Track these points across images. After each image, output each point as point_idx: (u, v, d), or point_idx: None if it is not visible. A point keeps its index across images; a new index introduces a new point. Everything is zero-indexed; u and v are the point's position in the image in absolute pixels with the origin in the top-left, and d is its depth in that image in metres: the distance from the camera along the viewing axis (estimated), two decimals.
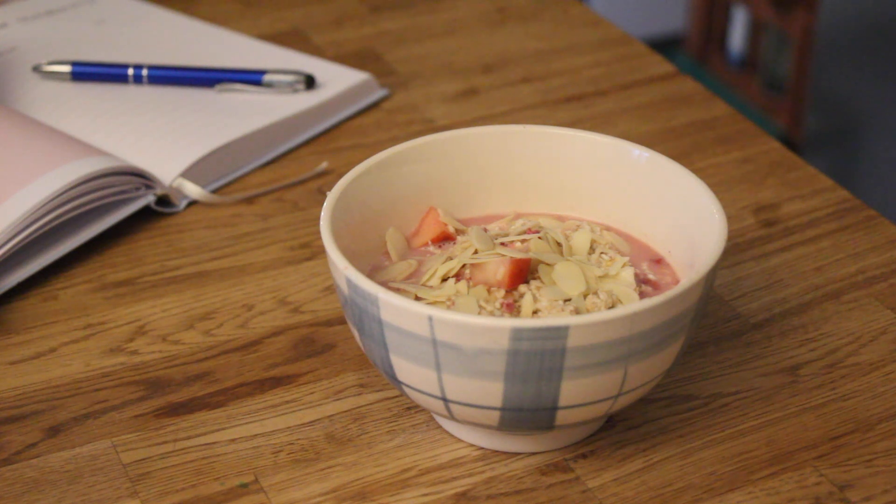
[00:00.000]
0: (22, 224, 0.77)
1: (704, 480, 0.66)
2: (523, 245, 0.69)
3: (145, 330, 0.76)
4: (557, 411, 0.63)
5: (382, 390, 0.71)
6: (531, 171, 0.74)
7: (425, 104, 0.99)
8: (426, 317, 0.60)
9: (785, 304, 0.78)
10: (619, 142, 0.73)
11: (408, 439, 0.68)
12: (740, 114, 0.98)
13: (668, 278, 0.70)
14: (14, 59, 0.99)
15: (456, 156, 0.74)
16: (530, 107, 0.99)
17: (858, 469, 0.67)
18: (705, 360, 0.74)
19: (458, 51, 1.06)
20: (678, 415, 0.70)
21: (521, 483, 0.66)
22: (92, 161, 0.81)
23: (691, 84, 1.02)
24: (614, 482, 0.66)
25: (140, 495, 0.65)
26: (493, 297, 0.66)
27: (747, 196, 0.88)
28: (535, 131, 0.74)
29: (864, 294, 0.79)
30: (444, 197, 0.74)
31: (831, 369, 0.73)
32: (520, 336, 0.60)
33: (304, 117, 0.94)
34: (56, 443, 0.68)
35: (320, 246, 0.83)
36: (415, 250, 0.72)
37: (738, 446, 0.68)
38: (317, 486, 0.66)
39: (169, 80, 0.96)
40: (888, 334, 0.76)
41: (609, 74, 1.03)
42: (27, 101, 0.94)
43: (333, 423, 0.70)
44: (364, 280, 0.62)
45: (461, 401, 0.63)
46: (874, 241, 0.84)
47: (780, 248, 0.83)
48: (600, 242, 0.71)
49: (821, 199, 0.88)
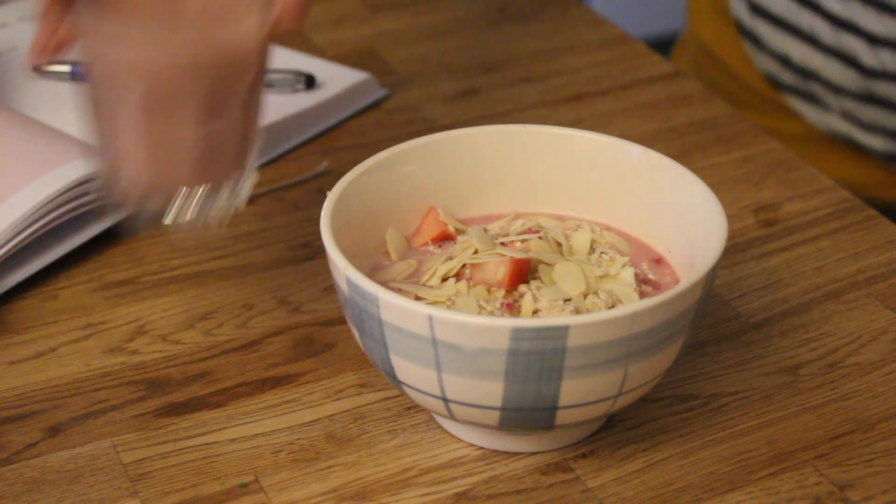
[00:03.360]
0: (22, 224, 0.77)
1: (704, 480, 0.66)
2: (523, 245, 0.69)
3: (145, 330, 0.76)
4: (557, 411, 0.63)
5: (382, 390, 0.71)
6: (531, 171, 0.74)
7: (425, 104, 0.99)
8: (426, 317, 0.60)
9: (785, 303, 0.78)
10: (619, 142, 0.73)
11: (408, 439, 0.68)
12: (740, 114, 0.98)
13: (668, 278, 0.70)
14: (14, 59, 0.99)
15: (456, 156, 0.74)
16: (530, 107, 0.99)
17: (858, 469, 0.67)
18: (705, 360, 0.74)
19: (458, 51, 1.06)
20: (678, 415, 0.70)
21: (521, 483, 0.66)
22: (92, 161, 0.81)
23: (691, 84, 1.02)
24: (614, 482, 0.66)
25: (140, 495, 0.65)
26: (493, 297, 0.66)
27: (747, 196, 0.88)
28: (535, 131, 0.74)
29: (864, 294, 0.79)
30: (444, 197, 0.74)
31: (831, 369, 0.73)
32: (520, 336, 0.60)
33: (304, 117, 0.94)
34: (56, 443, 0.68)
35: (320, 246, 0.82)
36: (415, 250, 0.72)
37: (738, 446, 0.68)
38: (317, 485, 0.66)
39: None
40: (888, 334, 0.76)
41: (609, 74, 1.03)
42: (27, 101, 0.94)
43: (333, 423, 0.70)
44: (364, 280, 0.62)
45: (461, 401, 0.63)
46: (874, 241, 0.84)
47: (780, 247, 0.83)
48: (600, 242, 0.71)
49: (821, 199, 0.88)
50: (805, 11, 1.08)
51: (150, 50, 0.61)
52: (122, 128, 0.64)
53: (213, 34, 0.62)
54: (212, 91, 0.62)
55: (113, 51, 0.62)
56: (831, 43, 1.07)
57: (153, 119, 0.63)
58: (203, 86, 0.62)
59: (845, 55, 1.06)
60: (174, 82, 0.62)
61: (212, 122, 0.63)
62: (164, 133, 0.63)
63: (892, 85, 1.06)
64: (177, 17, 0.63)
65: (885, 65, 1.05)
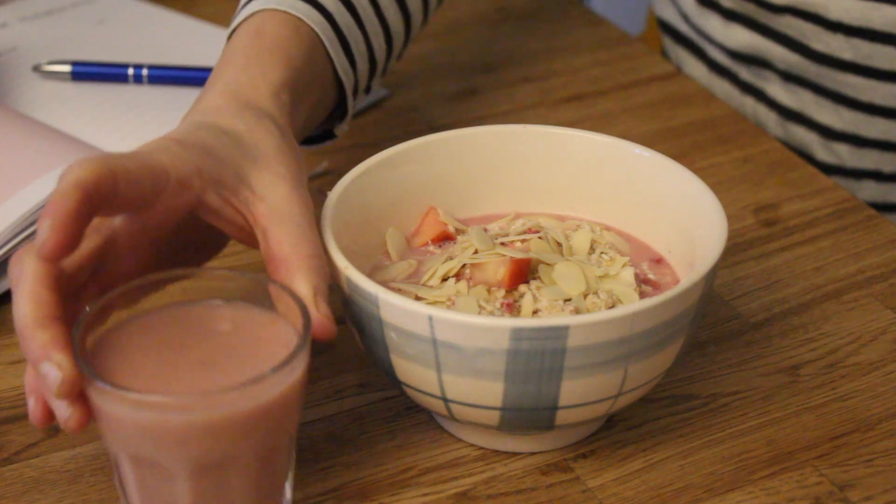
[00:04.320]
0: (22, 224, 0.77)
1: (704, 480, 0.66)
2: (523, 245, 0.69)
3: None
4: (557, 411, 0.63)
5: (382, 390, 0.71)
6: (531, 171, 0.74)
7: (425, 104, 0.99)
8: (426, 317, 0.60)
9: (785, 304, 0.78)
10: (619, 142, 0.73)
11: (408, 439, 0.68)
12: (740, 114, 0.98)
13: (668, 278, 0.70)
14: (14, 59, 0.99)
15: (456, 156, 0.74)
16: (530, 107, 0.99)
17: (858, 469, 0.67)
18: (705, 360, 0.74)
19: (458, 51, 1.06)
20: (678, 415, 0.70)
21: (521, 483, 0.66)
22: None
23: (691, 84, 1.02)
24: (614, 482, 0.66)
25: None
26: (493, 297, 0.66)
27: (747, 196, 0.88)
28: (535, 131, 0.74)
29: (864, 294, 0.79)
30: (444, 197, 0.74)
31: (831, 369, 0.73)
32: (520, 336, 0.60)
33: None
34: (56, 443, 0.68)
35: None
36: (415, 250, 0.72)
37: (738, 446, 0.68)
38: (317, 485, 0.66)
39: (169, 80, 0.96)
40: (888, 334, 0.76)
41: (609, 74, 1.03)
42: (27, 101, 0.94)
43: (333, 423, 0.70)
44: (364, 280, 0.62)
45: (461, 401, 0.63)
46: (874, 241, 0.83)
47: (780, 247, 0.83)
48: (600, 242, 0.71)
49: (821, 199, 0.88)
50: (748, 97, 1.05)
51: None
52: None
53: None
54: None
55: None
56: (780, 136, 1.03)
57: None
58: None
59: (795, 149, 1.02)
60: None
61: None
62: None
63: (850, 181, 1.02)
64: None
65: (842, 160, 1.02)
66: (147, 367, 0.59)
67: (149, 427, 0.56)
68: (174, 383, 0.58)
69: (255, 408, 0.57)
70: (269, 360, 0.57)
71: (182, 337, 0.60)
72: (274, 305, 0.61)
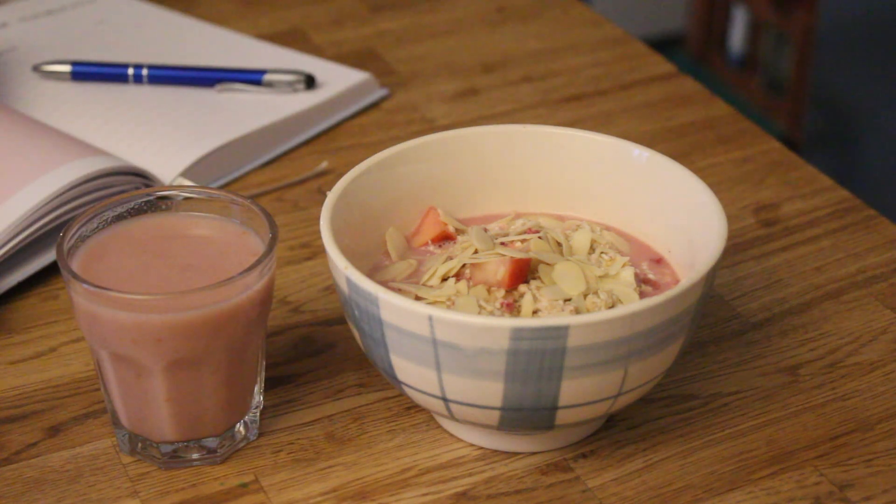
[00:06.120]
0: (22, 224, 0.77)
1: (704, 480, 0.66)
2: (523, 245, 0.69)
3: None
4: (557, 411, 0.63)
5: (382, 390, 0.71)
6: (531, 171, 0.74)
7: (425, 104, 0.99)
8: (426, 316, 0.60)
9: (785, 303, 0.78)
10: (619, 142, 0.73)
11: (408, 439, 0.69)
12: (740, 114, 0.98)
13: (668, 278, 0.70)
14: (14, 59, 0.99)
15: (456, 156, 0.74)
16: (530, 107, 0.99)
17: (858, 469, 0.67)
18: (705, 359, 0.74)
19: (458, 51, 1.06)
20: (678, 415, 0.70)
21: (521, 483, 0.66)
22: (92, 161, 0.81)
23: (691, 84, 1.02)
24: (614, 482, 0.66)
25: (140, 495, 0.65)
26: (493, 296, 0.66)
27: (747, 196, 0.88)
28: (535, 131, 0.74)
29: (864, 294, 0.79)
30: (444, 197, 0.74)
31: (831, 369, 0.73)
32: (520, 336, 0.60)
33: (304, 117, 0.94)
34: (56, 442, 0.68)
35: (320, 246, 0.83)
36: (415, 250, 0.72)
37: (738, 446, 0.68)
38: (317, 485, 0.66)
39: (169, 80, 0.96)
40: (888, 334, 0.76)
41: (609, 74, 1.03)
42: (27, 101, 0.94)
43: (333, 423, 0.70)
44: (364, 280, 0.62)
45: (461, 400, 0.63)
46: (874, 241, 0.84)
47: (780, 247, 0.83)
48: (600, 242, 0.71)
49: (821, 199, 0.88)
50: None
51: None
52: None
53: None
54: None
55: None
56: None
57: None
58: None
59: None
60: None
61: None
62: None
63: None
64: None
65: None
66: (126, 270, 0.65)
67: (127, 325, 0.62)
68: (151, 285, 0.64)
69: (225, 308, 0.63)
70: (239, 266, 0.64)
71: (160, 244, 0.67)
72: (244, 219, 0.67)
